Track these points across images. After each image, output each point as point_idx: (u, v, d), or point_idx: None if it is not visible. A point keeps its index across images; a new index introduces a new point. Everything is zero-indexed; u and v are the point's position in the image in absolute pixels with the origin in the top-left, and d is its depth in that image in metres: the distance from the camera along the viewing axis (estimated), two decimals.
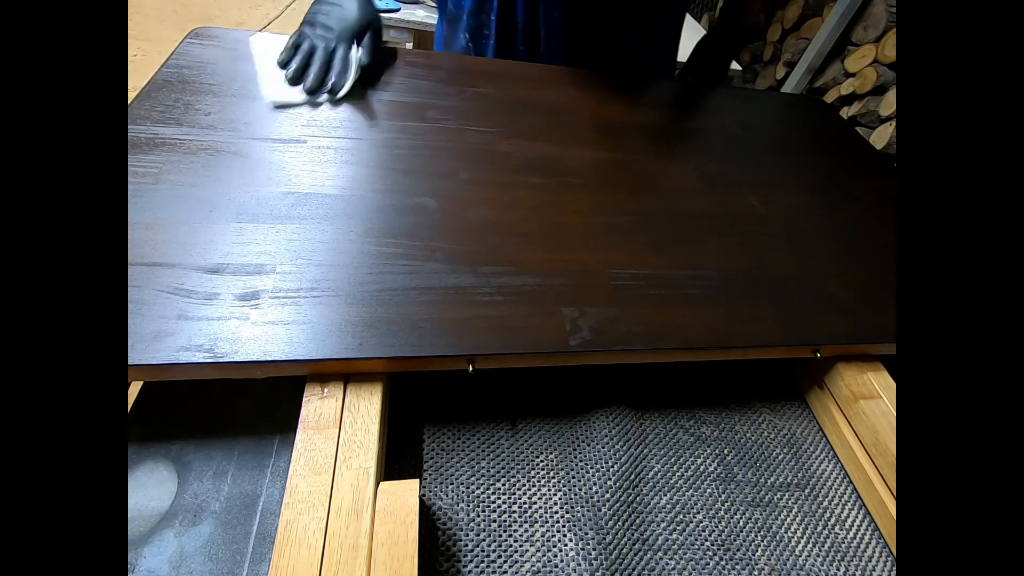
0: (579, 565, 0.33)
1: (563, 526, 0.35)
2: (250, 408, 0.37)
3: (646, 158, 0.57)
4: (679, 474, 0.39)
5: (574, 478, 0.37)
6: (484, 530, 0.34)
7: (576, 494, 0.36)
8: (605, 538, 0.34)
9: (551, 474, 0.37)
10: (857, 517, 0.39)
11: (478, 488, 0.36)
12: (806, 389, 0.47)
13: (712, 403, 0.45)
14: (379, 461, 0.31)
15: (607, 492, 0.36)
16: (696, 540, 0.36)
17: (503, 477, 0.37)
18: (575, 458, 0.38)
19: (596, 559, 0.33)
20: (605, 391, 0.43)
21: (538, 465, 0.38)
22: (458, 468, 0.37)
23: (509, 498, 0.36)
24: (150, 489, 0.32)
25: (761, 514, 0.38)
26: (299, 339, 0.32)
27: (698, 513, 0.37)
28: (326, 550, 0.27)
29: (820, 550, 0.37)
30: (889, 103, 1.31)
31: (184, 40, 0.57)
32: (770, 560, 0.36)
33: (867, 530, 0.38)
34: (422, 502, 0.34)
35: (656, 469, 0.39)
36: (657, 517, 0.36)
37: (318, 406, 0.32)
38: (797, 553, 0.36)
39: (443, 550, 0.32)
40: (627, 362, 0.39)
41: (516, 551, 0.33)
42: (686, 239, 0.47)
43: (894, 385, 0.41)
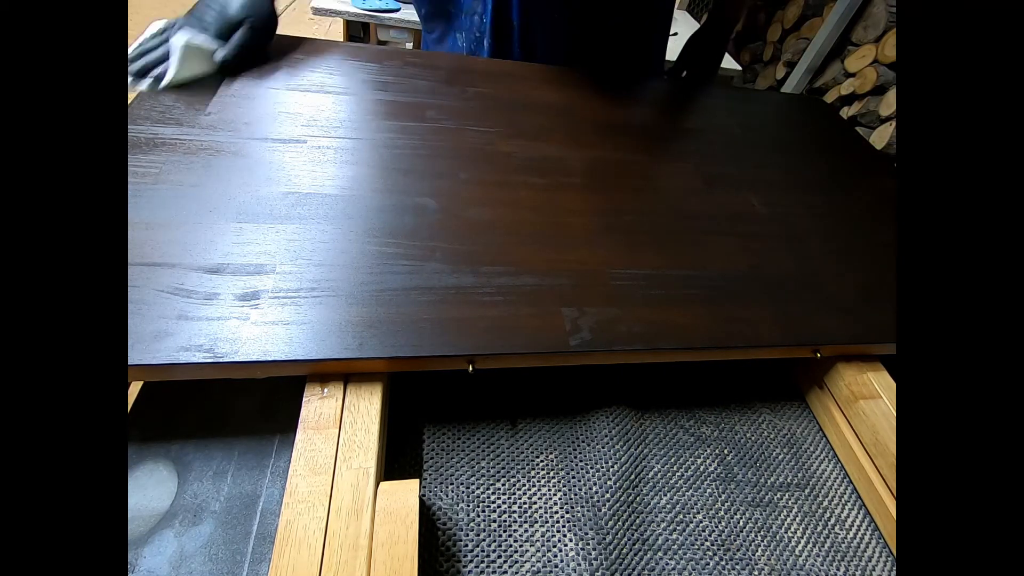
0: (579, 565, 0.33)
1: (563, 526, 0.35)
2: (250, 408, 0.37)
3: (646, 158, 0.57)
4: (679, 474, 0.39)
5: (574, 478, 0.37)
6: (484, 530, 0.34)
7: (576, 494, 0.36)
8: (605, 538, 0.34)
9: (551, 474, 0.37)
10: (857, 517, 0.39)
11: (478, 488, 0.36)
12: (806, 389, 0.47)
13: (712, 403, 0.45)
14: (379, 461, 0.31)
15: (607, 492, 0.36)
16: (696, 540, 0.36)
17: (503, 477, 0.37)
18: (575, 458, 0.38)
19: (596, 559, 0.33)
20: (605, 391, 0.43)
21: (538, 465, 0.38)
22: (458, 468, 0.37)
23: (509, 498, 0.36)
24: (150, 489, 0.32)
25: (761, 514, 0.38)
26: (299, 339, 0.32)
27: (698, 513, 0.37)
28: (326, 550, 0.27)
29: (820, 550, 0.37)
30: (889, 103, 1.31)
31: None
32: (770, 560, 0.36)
33: (867, 530, 0.38)
34: (422, 502, 0.34)
35: (656, 469, 0.39)
36: (657, 517, 0.36)
37: (318, 406, 0.32)
38: (797, 553, 0.36)
39: (443, 550, 0.33)
40: (627, 362, 0.39)
41: (516, 551, 0.33)
42: (686, 239, 0.47)
43: (894, 385, 0.41)
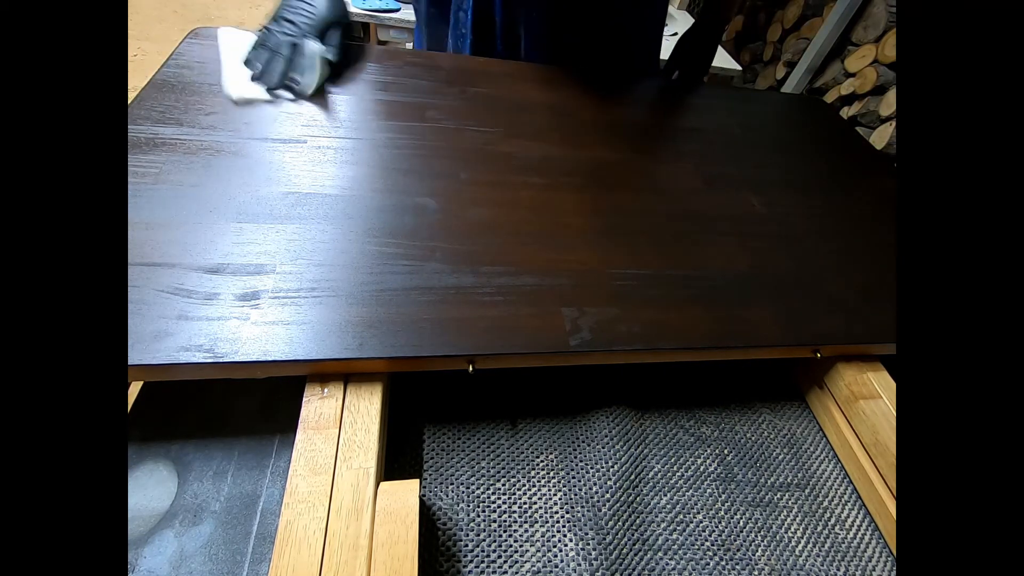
0: (579, 565, 0.33)
1: (563, 526, 0.35)
2: (250, 408, 0.37)
3: (646, 158, 0.57)
4: (679, 474, 0.39)
5: (574, 478, 0.37)
6: (484, 530, 0.34)
7: (576, 494, 0.36)
8: (605, 538, 0.34)
9: (551, 474, 0.37)
10: (857, 517, 0.39)
11: (478, 488, 0.36)
12: (806, 389, 0.47)
13: (712, 403, 0.45)
14: (379, 461, 0.31)
15: (607, 492, 0.36)
16: (696, 540, 0.36)
17: (503, 477, 0.37)
18: (575, 458, 0.38)
19: (596, 559, 0.33)
20: (605, 391, 0.43)
21: (538, 465, 0.38)
22: (458, 468, 0.37)
23: (509, 498, 0.36)
24: (150, 489, 0.32)
25: (761, 514, 0.38)
26: (299, 339, 0.32)
27: (698, 513, 0.37)
28: (326, 550, 0.27)
29: (820, 550, 0.37)
30: (889, 103, 1.31)
31: (184, 40, 0.57)
32: (770, 560, 0.36)
33: (867, 530, 0.38)
34: (422, 502, 0.34)
35: (656, 469, 0.39)
36: (657, 517, 0.36)
37: (318, 406, 0.32)
38: (797, 553, 0.36)
39: (443, 550, 0.32)
40: (627, 362, 0.39)
41: (516, 551, 0.33)
42: (686, 239, 0.47)
43: (894, 385, 0.41)
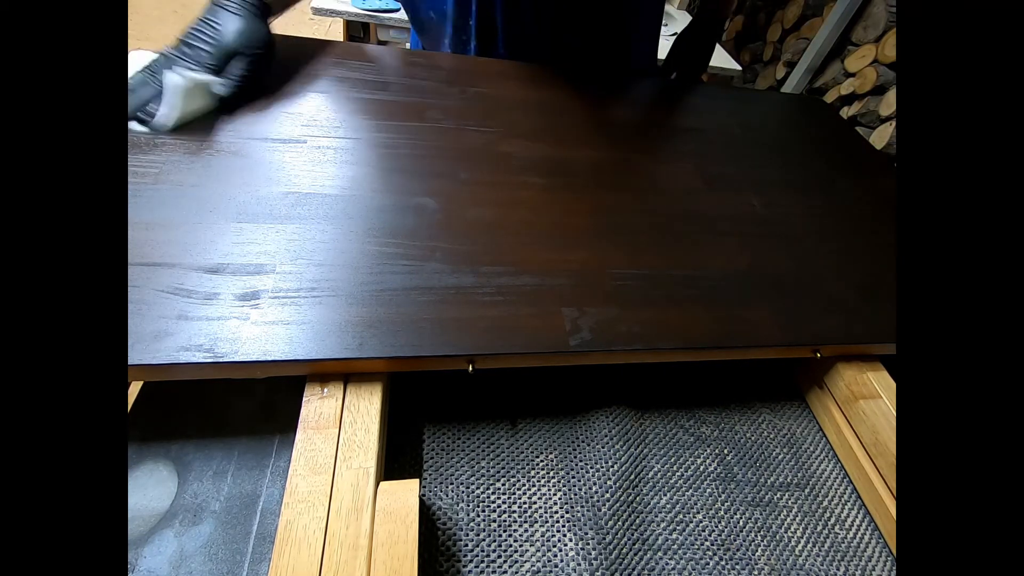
0: (579, 565, 0.33)
1: (563, 526, 0.35)
2: (250, 408, 0.37)
3: (646, 158, 0.57)
4: (679, 474, 0.39)
5: (574, 478, 0.37)
6: (484, 530, 0.34)
7: (576, 494, 0.36)
8: (605, 538, 0.34)
9: (551, 474, 0.37)
10: (857, 517, 0.39)
11: (478, 488, 0.36)
12: (806, 389, 0.47)
13: (712, 403, 0.45)
14: (379, 461, 0.31)
15: (607, 492, 0.36)
16: (696, 540, 0.36)
17: (503, 477, 0.37)
18: (575, 458, 0.38)
19: (596, 559, 0.33)
20: (605, 391, 0.43)
21: (538, 465, 0.38)
22: (458, 468, 0.37)
23: (509, 498, 0.36)
24: (150, 489, 0.32)
25: (761, 514, 0.38)
26: (299, 339, 0.32)
27: (698, 513, 0.37)
28: (326, 550, 0.27)
29: (820, 550, 0.37)
30: (889, 103, 1.31)
31: None
32: (770, 560, 0.36)
33: (867, 530, 0.38)
34: (422, 502, 0.34)
35: (656, 469, 0.39)
36: (657, 517, 0.36)
37: (318, 406, 0.32)
38: (797, 553, 0.36)
39: (443, 550, 0.33)
40: (627, 362, 0.39)
41: (516, 551, 0.33)
42: (686, 239, 0.47)
43: (894, 385, 0.41)
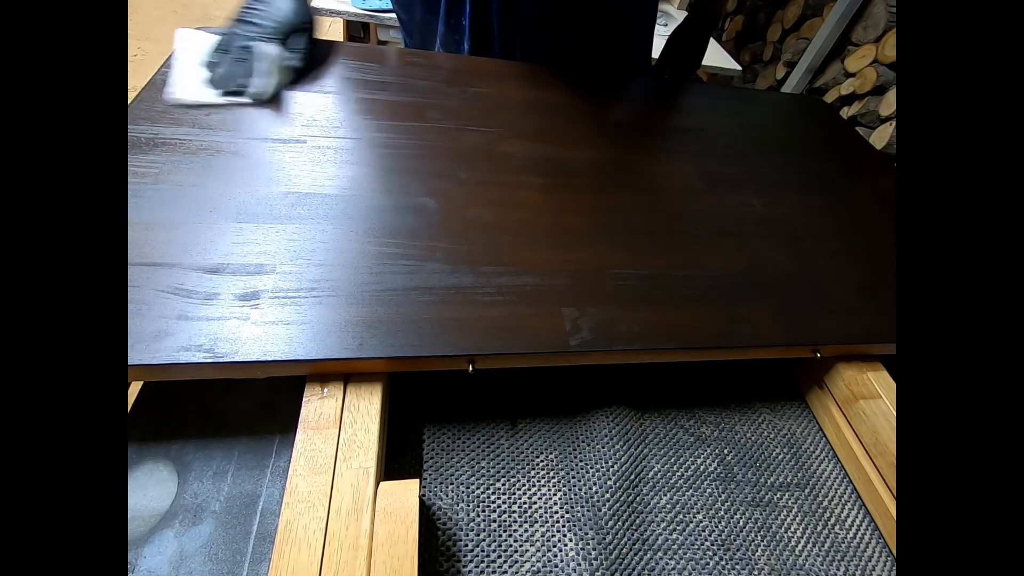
0: (579, 565, 0.33)
1: (563, 526, 0.35)
2: (250, 408, 0.37)
3: (646, 158, 0.57)
4: (679, 474, 0.39)
5: (574, 478, 0.37)
6: (484, 530, 0.34)
7: (576, 494, 0.36)
8: (605, 538, 0.34)
9: (551, 474, 0.37)
10: (857, 517, 0.39)
11: (478, 488, 0.36)
12: (806, 389, 0.47)
13: (712, 403, 0.45)
14: (379, 461, 0.31)
15: (607, 492, 0.36)
16: (696, 540, 0.36)
17: (503, 477, 0.37)
18: (575, 458, 0.38)
19: (596, 559, 0.33)
20: (605, 391, 0.43)
21: (538, 465, 0.38)
22: (458, 468, 0.37)
23: (509, 498, 0.36)
24: (150, 489, 0.32)
25: (761, 514, 0.38)
26: (299, 339, 0.32)
27: (698, 513, 0.37)
28: (326, 550, 0.27)
29: (820, 550, 0.37)
30: (889, 103, 1.31)
31: None
32: (770, 560, 0.36)
33: (867, 530, 0.38)
34: (422, 502, 0.34)
35: (656, 469, 0.39)
36: (657, 517, 0.36)
37: (318, 406, 0.32)
38: (797, 553, 0.36)
39: (443, 550, 0.32)
40: (627, 362, 0.39)
41: (516, 551, 0.33)
42: (686, 239, 0.47)
43: (894, 385, 0.41)
